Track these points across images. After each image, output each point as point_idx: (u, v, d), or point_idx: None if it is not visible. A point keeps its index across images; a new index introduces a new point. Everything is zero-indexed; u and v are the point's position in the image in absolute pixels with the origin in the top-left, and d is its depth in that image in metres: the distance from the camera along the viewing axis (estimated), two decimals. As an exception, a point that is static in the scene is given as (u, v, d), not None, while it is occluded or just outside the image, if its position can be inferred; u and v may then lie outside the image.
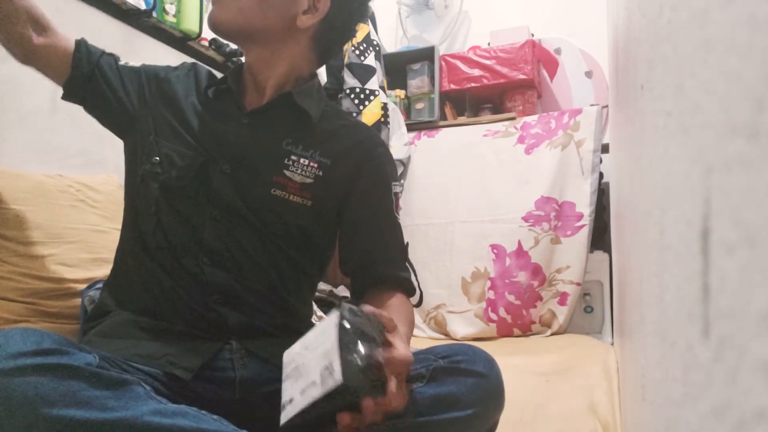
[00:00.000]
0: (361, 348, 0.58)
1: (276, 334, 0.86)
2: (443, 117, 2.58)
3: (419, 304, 1.01)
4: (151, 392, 0.62)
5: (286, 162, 0.86)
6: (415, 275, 0.94)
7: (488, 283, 2.14)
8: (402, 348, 0.63)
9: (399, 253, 0.93)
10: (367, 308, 0.65)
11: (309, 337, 0.64)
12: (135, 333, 0.79)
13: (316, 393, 0.57)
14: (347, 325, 0.59)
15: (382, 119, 2.31)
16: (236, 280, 0.82)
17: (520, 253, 2.11)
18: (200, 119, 0.88)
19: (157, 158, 0.85)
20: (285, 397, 0.62)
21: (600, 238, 2.19)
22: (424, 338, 2.14)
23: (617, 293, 1.54)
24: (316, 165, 0.87)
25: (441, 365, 0.73)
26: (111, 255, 0.91)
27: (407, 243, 0.96)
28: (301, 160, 0.86)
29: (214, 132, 0.87)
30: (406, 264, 0.93)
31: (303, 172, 0.86)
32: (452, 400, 0.70)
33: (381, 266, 0.90)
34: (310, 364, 0.60)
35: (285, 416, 0.61)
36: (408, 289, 0.92)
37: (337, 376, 0.55)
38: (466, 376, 0.72)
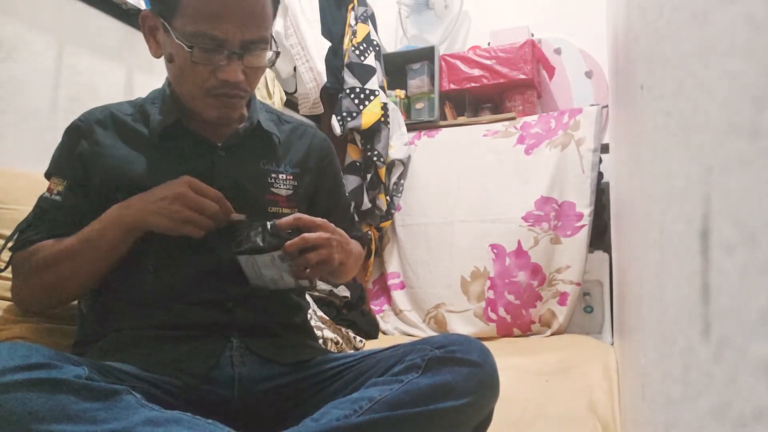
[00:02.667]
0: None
1: (278, 333, 0.88)
2: (443, 117, 2.58)
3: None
4: (143, 400, 0.61)
5: (269, 180, 0.92)
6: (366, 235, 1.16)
7: (488, 283, 2.14)
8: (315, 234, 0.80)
9: (353, 223, 1.09)
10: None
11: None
12: (140, 343, 0.79)
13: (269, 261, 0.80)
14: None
15: (382, 119, 2.31)
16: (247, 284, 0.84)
17: (520, 252, 2.11)
18: (167, 167, 0.86)
19: None
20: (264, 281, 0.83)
21: (600, 238, 2.19)
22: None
23: (617, 293, 1.54)
24: (291, 177, 0.95)
25: (436, 355, 0.73)
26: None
27: (353, 203, 1.25)
28: (280, 176, 0.94)
29: (193, 174, 0.85)
30: (356, 225, 1.11)
31: (285, 186, 0.94)
32: (448, 389, 0.70)
33: None
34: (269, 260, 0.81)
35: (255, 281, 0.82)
36: (362, 241, 1.08)
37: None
38: (461, 365, 0.73)
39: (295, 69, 2.08)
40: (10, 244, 0.85)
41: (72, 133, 0.89)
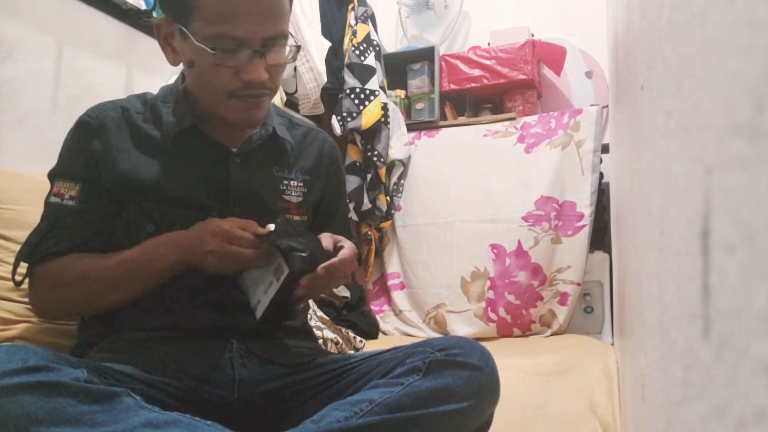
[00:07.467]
0: (299, 243, 0.75)
1: (278, 335, 0.88)
2: (443, 117, 2.58)
3: (360, 263, 1.41)
4: (141, 401, 0.61)
5: (281, 188, 0.91)
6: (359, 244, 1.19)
7: (488, 283, 2.14)
8: (346, 244, 0.83)
9: (348, 230, 1.07)
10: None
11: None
12: (140, 344, 0.79)
13: (274, 288, 0.76)
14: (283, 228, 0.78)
15: (382, 119, 2.31)
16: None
17: (520, 252, 2.11)
18: (181, 173, 0.84)
19: (152, 225, 0.82)
20: (253, 300, 0.79)
21: (600, 238, 2.19)
22: (424, 338, 2.13)
23: (617, 293, 1.54)
24: (302, 184, 0.94)
25: (437, 358, 0.73)
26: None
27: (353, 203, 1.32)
28: (292, 183, 0.93)
29: (208, 180, 0.85)
30: (351, 232, 1.11)
31: (295, 193, 0.93)
32: (448, 393, 0.70)
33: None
34: (264, 273, 0.78)
35: (259, 312, 0.78)
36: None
37: (285, 269, 0.74)
38: (462, 368, 0.73)
39: (295, 69, 2.08)
40: (23, 264, 0.83)
41: (83, 130, 0.85)
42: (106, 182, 0.83)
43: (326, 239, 0.83)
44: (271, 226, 0.78)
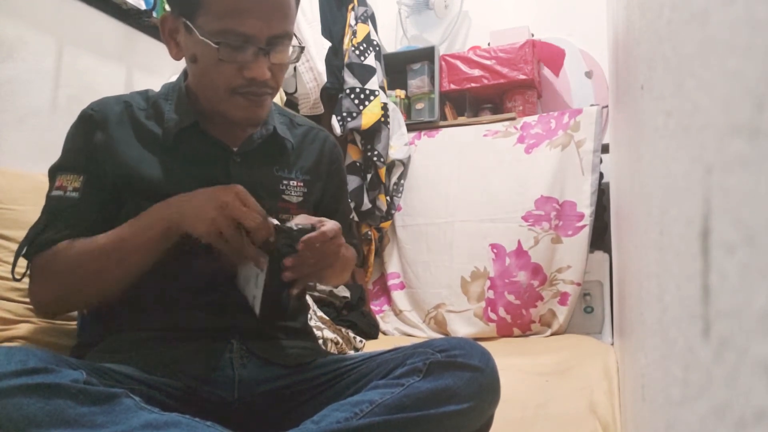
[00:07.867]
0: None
1: (278, 335, 0.88)
2: (443, 117, 2.58)
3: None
4: (141, 402, 0.61)
5: (281, 187, 0.91)
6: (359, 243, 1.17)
7: (488, 283, 2.14)
8: (328, 223, 0.79)
9: (350, 230, 1.07)
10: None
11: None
12: (140, 344, 0.78)
13: (262, 278, 0.76)
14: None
15: (382, 119, 2.31)
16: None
17: (520, 252, 2.11)
18: (181, 171, 0.84)
19: None
20: (250, 298, 0.79)
21: (600, 238, 2.19)
22: (424, 338, 2.14)
23: (617, 293, 1.54)
24: (302, 184, 0.93)
25: (438, 359, 0.73)
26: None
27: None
28: (291, 182, 0.92)
29: (208, 179, 0.83)
30: (353, 232, 1.10)
31: (295, 193, 0.92)
32: (449, 394, 0.70)
33: None
34: (250, 269, 0.79)
35: (257, 308, 0.78)
36: (357, 250, 1.07)
37: (264, 255, 0.77)
38: (463, 370, 0.73)
39: (295, 69, 2.08)
40: (24, 253, 0.81)
41: (86, 123, 0.84)
42: (107, 178, 0.82)
43: (302, 219, 0.81)
44: None
